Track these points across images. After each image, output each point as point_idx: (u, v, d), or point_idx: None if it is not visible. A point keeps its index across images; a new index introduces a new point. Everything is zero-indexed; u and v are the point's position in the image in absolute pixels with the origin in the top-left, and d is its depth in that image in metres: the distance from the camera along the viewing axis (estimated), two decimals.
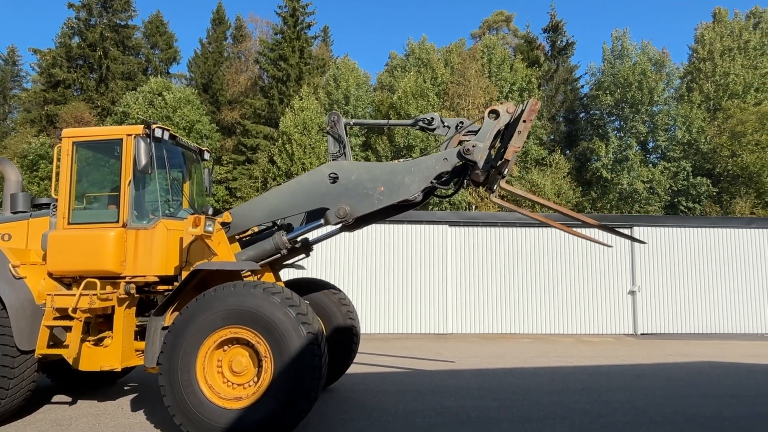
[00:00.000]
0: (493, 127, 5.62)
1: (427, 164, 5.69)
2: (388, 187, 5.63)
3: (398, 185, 5.63)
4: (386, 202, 5.65)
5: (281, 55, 37.01)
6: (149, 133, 5.91)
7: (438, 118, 6.09)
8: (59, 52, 37.44)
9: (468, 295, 14.74)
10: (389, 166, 5.85)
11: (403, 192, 5.64)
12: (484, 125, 5.71)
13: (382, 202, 5.65)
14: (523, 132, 5.33)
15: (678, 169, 30.46)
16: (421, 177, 5.64)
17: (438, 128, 6.09)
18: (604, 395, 7.38)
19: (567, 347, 12.44)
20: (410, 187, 5.63)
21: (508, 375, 8.89)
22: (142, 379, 8.10)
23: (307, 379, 4.78)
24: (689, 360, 10.72)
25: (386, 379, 8.51)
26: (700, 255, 15.30)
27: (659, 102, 31.79)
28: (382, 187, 5.63)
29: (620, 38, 33.50)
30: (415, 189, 5.65)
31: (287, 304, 4.90)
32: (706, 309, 15.08)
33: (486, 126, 5.68)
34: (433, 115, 6.15)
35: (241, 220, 5.95)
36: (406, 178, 5.63)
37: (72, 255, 5.75)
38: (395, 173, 5.68)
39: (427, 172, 5.65)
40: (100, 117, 35.48)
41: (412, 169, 5.67)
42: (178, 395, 4.88)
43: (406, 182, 5.63)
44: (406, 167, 5.71)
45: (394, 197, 5.65)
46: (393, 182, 5.64)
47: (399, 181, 5.64)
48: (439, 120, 6.09)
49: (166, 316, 5.42)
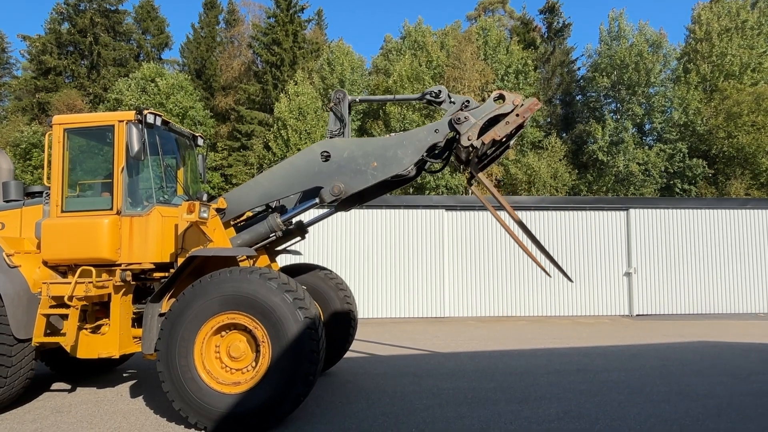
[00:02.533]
0: (494, 110, 5.56)
1: (418, 136, 5.67)
2: (381, 162, 5.61)
3: (391, 159, 5.62)
4: (380, 177, 5.63)
5: (275, 40, 36.59)
6: (141, 119, 5.84)
7: (445, 91, 5.99)
8: (49, 38, 36.90)
9: (464, 278, 14.79)
10: (381, 141, 5.84)
11: (396, 166, 5.63)
12: (484, 105, 5.66)
13: (375, 177, 5.63)
14: (511, 124, 5.37)
15: (674, 150, 30.45)
16: (413, 150, 5.62)
17: (444, 102, 5.98)
18: (600, 375, 7.46)
19: (563, 329, 12.53)
20: (403, 160, 5.62)
21: (504, 357, 8.95)
22: (140, 365, 8.13)
23: (304, 364, 4.81)
24: (684, 340, 10.82)
25: (384, 362, 8.57)
26: (695, 236, 15.38)
27: (656, 83, 31.63)
28: (375, 162, 5.61)
29: (617, 19, 33.19)
30: (408, 162, 5.64)
31: (284, 289, 4.90)
32: (701, 290, 15.21)
33: (485, 107, 5.63)
34: (441, 87, 6.04)
35: (235, 205, 5.92)
36: (399, 152, 5.62)
37: (66, 243, 5.72)
38: (387, 147, 5.67)
39: (419, 145, 5.63)
40: (92, 104, 35.12)
41: (404, 142, 5.65)
42: (177, 381, 4.90)
43: (398, 156, 5.61)
44: (398, 140, 5.69)
45: (388, 171, 5.63)
46: (385, 156, 5.62)
47: (391, 155, 5.62)
48: (447, 94, 5.98)
49: (163, 302, 5.41)
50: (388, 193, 15.98)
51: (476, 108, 5.71)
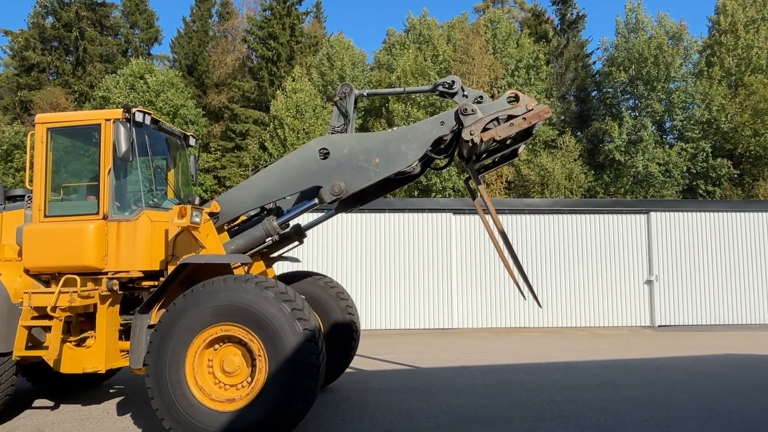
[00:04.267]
0: (503, 109, 5.52)
1: (423, 129, 5.62)
2: (384, 158, 5.56)
3: (394, 155, 5.56)
4: (383, 174, 5.58)
5: (271, 33, 36.71)
6: (129, 117, 5.83)
7: (459, 83, 5.94)
8: (32, 33, 37.11)
9: (474, 287, 14.73)
10: (383, 135, 5.81)
11: (399, 161, 5.57)
12: (496, 102, 5.63)
13: (378, 174, 5.58)
14: (514, 126, 5.32)
15: (696, 150, 30.36)
16: (417, 144, 5.56)
17: (457, 94, 5.94)
18: (621, 391, 7.39)
19: (580, 341, 12.46)
20: (407, 155, 5.56)
21: (518, 371, 8.89)
22: (128, 381, 8.08)
23: (304, 379, 4.77)
24: (711, 353, 10.73)
25: (388, 377, 8.51)
26: (721, 241, 15.28)
27: (676, 78, 31.60)
28: (377, 158, 5.56)
29: (634, 10, 33.21)
30: (413, 157, 5.58)
31: (282, 299, 4.86)
32: (728, 298, 15.09)
33: (497, 104, 5.60)
34: (454, 78, 5.98)
35: (229, 208, 5.89)
36: (402, 147, 5.56)
37: (49, 250, 5.70)
38: (390, 142, 5.62)
39: (423, 138, 5.57)
40: (77, 103, 35.27)
41: (408, 135, 5.60)
42: (167, 398, 4.85)
43: (402, 151, 5.56)
44: (401, 134, 5.65)
45: (391, 168, 5.58)
46: (388, 152, 5.57)
47: (394, 151, 5.57)
48: (460, 85, 5.94)
49: (152, 313, 5.38)
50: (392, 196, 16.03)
51: (487, 104, 5.68)
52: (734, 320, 14.99)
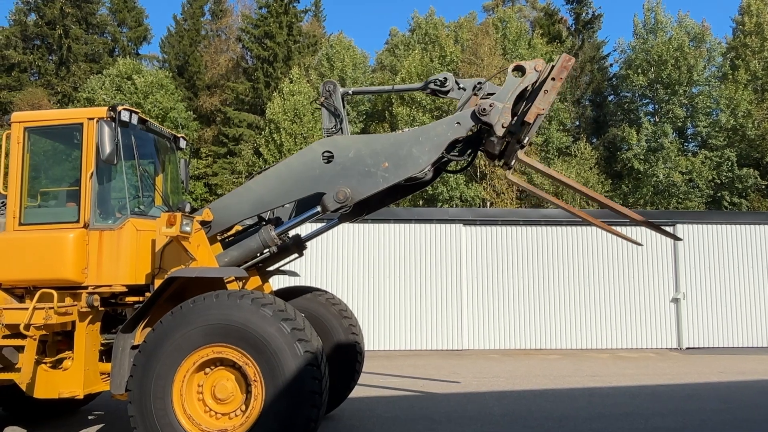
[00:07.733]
0: (517, 85, 5.47)
1: (437, 131, 5.54)
2: (393, 162, 5.47)
3: (405, 158, 5.47)
4: (392, 179, 5.50)
5: (267, 32, 36.93)
6: (114, 116, 5.76)
7: (452, 79, 5.92)
8: (13, 30, 37.42)
9: (486, 304, 14.55)
10: (393, 137, 5.74)
11: (411, 166, 5.48)
12: (506, 83, 5.55)
13: (387, 180, 5.49)
14: (551, 92, 5.19)
15: (721, 159, 30.34)
16: (431, 146, 5.48)
17: (452, 91, 5.93)
18: (652, 421, 7.26)
19: (603, 364, 12.31)
20: (419, 159, 5.47)
21: (537, 398, 8.76)
22: (108, 406, 7.91)
23: (304, 407, 4.69)
24: (746, 378, 10.58)
25: (395, 404, 8.40)
26: (754, 256, 15.07)
27: (699, 82, 31.71)
28: (386, 162, 5.48)
29: (653, 10, 33.48)
30: (425, 161, 5.50)
31: (280, 318, 4.80)
32: (762, 319, 14.86)
33: (508, 84, 5.52)
34: (447, 75, 5.96)
35: (223, 216, 5.80)
36: (414, 150, 5.48)
37: (24, 261, 5.62)
38: (400, 145, 5.54)
39: (437, 140, 5.49)
40: (60, 104, 35.44)
41: (420, 138, 5.53)
42: (151, 427, 4.78)
43: (414, 154, 5.47)
44: (413, 136, 5.57)
45: (402, 173, 5.50)
46: (398, 155, 5.48)
47: (405, 154, 5.48)
48: (453, 81, 5.92)
49: (136, 333, 5.31)
50: (398, 205, 15.90)
51: (497, 91, 5.60)
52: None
